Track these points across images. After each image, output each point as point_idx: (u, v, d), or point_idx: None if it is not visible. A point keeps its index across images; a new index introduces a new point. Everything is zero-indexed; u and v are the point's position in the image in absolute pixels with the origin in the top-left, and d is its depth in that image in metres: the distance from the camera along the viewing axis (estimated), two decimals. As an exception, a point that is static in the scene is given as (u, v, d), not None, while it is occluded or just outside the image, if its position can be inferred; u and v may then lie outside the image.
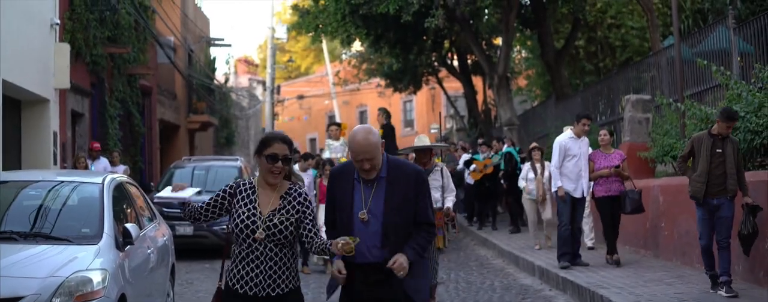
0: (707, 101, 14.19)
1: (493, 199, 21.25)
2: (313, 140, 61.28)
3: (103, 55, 22.71)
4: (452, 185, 11.31)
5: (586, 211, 14.80)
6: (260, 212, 5.76)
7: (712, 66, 12.73)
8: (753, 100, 11.49)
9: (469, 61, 34.61)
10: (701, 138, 10.35)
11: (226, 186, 5.99)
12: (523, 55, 37.64)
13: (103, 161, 19.92)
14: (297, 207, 5.84)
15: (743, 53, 13.69)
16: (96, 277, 7.17)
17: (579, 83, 28.97)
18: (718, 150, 10.16)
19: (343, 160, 16.26)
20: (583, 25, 27.92)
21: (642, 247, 14.50)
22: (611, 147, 13.70)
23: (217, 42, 41.56)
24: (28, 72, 17.16)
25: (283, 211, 5.79)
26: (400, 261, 5.77)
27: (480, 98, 36.73)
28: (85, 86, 21.94)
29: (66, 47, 19.10)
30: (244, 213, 5.78)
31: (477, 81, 36.58)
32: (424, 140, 11.44)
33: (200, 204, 5.99)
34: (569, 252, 13.35)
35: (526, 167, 17.10)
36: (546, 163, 16.37)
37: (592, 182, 13.52)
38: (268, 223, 5.72)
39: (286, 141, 5.88)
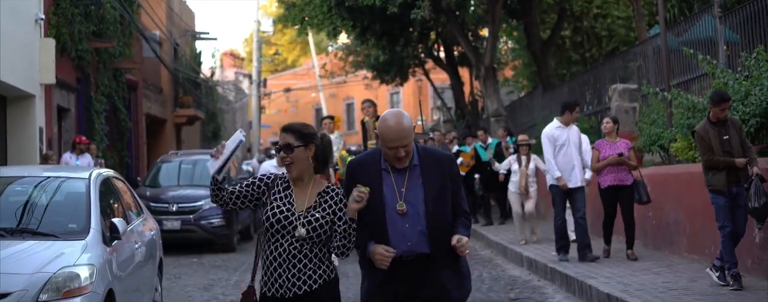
0: (694, 90, 14.20)
1: (485, 191, 20.63)
2: (300, 133, 61.16)
3: (89, 50, 22.63)
4: None
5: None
6: (295, 209, 5.48)
7: (698, 55, 12.75)
8: (739, 88, 11.50)
9: (455, 53, 34.61)
10: (706, 129, 9.99)
11: (264, 176, 5.68)
12: (510, 46, 37.65)
13: (88, 157, 19.36)
14: (334, 207, 5.49)
15: (729, 42, 13.70)
16: (83, 273, 7.15)
17: (565, 73, 28.99)
18: (724, 137, 9.89)
19: (344, 153, 16.19)
20: (569, 15, 27.94)
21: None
22: (616, 135, 13.22)
23: (202, 36, 41.48)
24: (13, 68, 17.10)
25: (319, 209, 5.48)
26: (464, 240, 5.41)
27: (467, 89, 36.72)
28: (71, 81, 21.87)
29: (51, 43, 19.04)
30: (278, 208, 5.49)
31: (464, 72, 36.57)
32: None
33: (231, 188, 5.63)
34: (567, 244, 13.06)
35: (512, 158, 16.80)
36: (533, 156, 16.20)
37: (594, 172, 13.21)
38: (309, 219, 5.43)
39: (290, 129, 5.58)
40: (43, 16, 19.01)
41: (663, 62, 14.71)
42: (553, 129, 13.18)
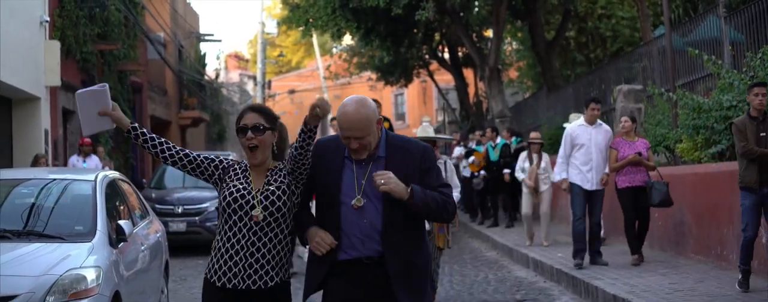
0: (699, 91, 14.19)
1: (493, 193, 20.26)
2: (304, 135, 61.16)
3: (93, 52, 22.66)
4: (456, 180, 10.50)
5: None
6: (252, 188, 5.04)
7: (703, 55, 12.72)
8: (745, 89, 11.47)
9: (459, 54, 34.60)
10: (744, 122, 9.57)
11: (223, 158, 5.32)
12: (514, 46, 37.63)
13: (95, 159, 19.24)
14: (285, 180, 5.07)
15: (734, 42, 13.69)
16: (90, 275, 7.14)
17: (570, 74, 28.97)
18: (762, 134, 9.50)
19: None
20: (574, 16, 27.91)
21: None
22: (635, 135, 12.66)
23: (207, 37, 41.50)
24: (19, 70, 17.12)
25: (274, 184, 5.04)
26: (389, 175, 4.77)
27: (471, 90, 36.72)
28: (76, 83, 21.88)
29: (56, 45, 19.06)
30: (234, 187, 5.06)
31: (468, 73, 36.58)
32: (428, 131, 10.54)
33: (186, 151, 5.23)
34: (584, 248, 12.34)
35: (522, 157, 16.45)
36: (544, 155, 16.07)
37: (611, 172, 12.52)
38: (265, 194, 5.00)
39: (261, 110, 5.17)
40: (48, 19, 19.03)
41: (668, 63, 14.70)
42: (575, 127, 12.60)
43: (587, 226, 12.40)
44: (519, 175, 16.41)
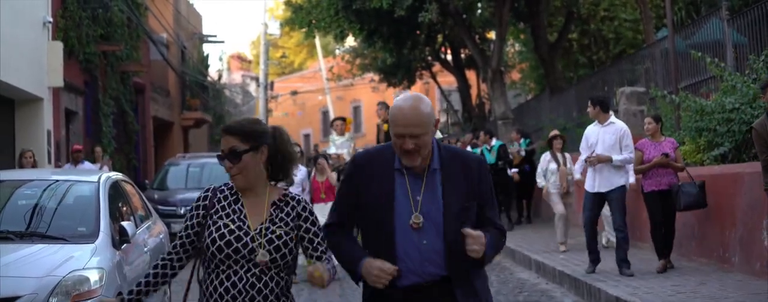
0: (702, 93, 14.19)
1: (507, 194, 19.55)
2: (307, 136, 61.20)
3: (96, 53, 22.69)
4: None
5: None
6: (249, 227, 4.28)
7: (706, 58, 12.72)
8: (747, 91, 11.50)
9: (462, 56, 34.59)
10: (763, 124, 8.89)
11: (199, 198, 4.45)
12: (517, 48, 37.60)
13: (87, 166, 18.27)
14: (296, 220, 4.37)
15: (737, 45, 13.70)
16: (93, 276, 7.15)
17: (573, 76, 28.95)
18: None
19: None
20: (577, 18, 27.90)
21: (638, 240, 14.48)
22: (661, 135, 11.90)
23: (210, 39, 41.51)
24: (22, 71, 17.13)
25: (280, 223, 4.32)
26: (482, 237, 4.20)
27: (474, 92, 36.69)
28: (79, 84, 21.91)
29: (59, 46, 19.06)
30: (226, 227, 4.28)
31: (471, 75, 36.55)
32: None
33: (172, 251, 4.49)
34: (597, 257, 11.75)
35: (544, 158, 15.47)
36: (566, 154, 15.26)
37: (637, 175, 12.00)
38: (269, 237, 4.27)
39: (236, 130, 4.34)
40: (51, 19, 19.03)
41: (671, 65, 14.71)
42: (590, 127, 11.99)
43: (611, 232, 11.94)
44: (540, 181, 15.42)
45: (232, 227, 4.27)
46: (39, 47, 18.34)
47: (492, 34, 31.57)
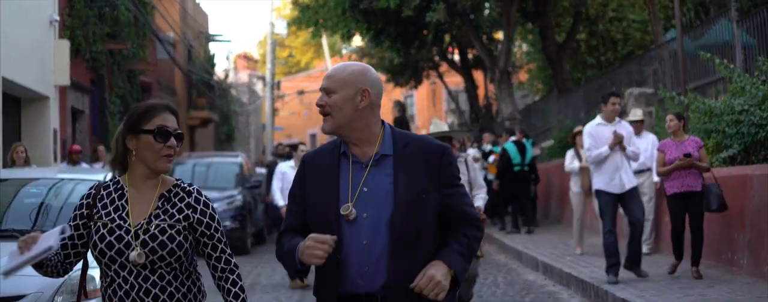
0: (710, 94, 14.14)
1: (521, 197, 19.04)
2: (313, 136, 61.22)
3: (103, 51, 22.68)
4: (481, 180, 9.52)
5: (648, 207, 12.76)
6: (131, 224, 3.81)
7: (715, 59, 12.66)
8: (757, 93, 11.43)
9: (470, 56, 34.55)
10: None
11: (83, 198, 4.01)
12: (525, 49, 37.55)
13: (84, 167, 17.15)
14: (186, 211, 3.89)
15: (746, 46, 13.64)
16: (98, 275, 7.10)
17: (581, 77, 28.89)
18: None
19: None
20: (585, 19, 27.85)
21: (644, 242, 14.45)
22: (684, 133, 11.33)
23: (216, 38, 41.52)
24: (28, 69, 17.12)
25: (165, 216, 3.84)
26: (434, 277, 3.61)
27: (481, 92, 36.66)
28: (85, 82, 21.89)
29: (65, 44, 19.06)
30: (106, 226, 3.83)
31: (478, 75, 36.51)
32: (441, 126, 9.45)
33: (57, 250, 3.98)
34: (617, 262, 10.97)
35: (569, 154, 14.95)
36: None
37: (660, 177, 11.59)
38: (151, 233, 3.78)
39: (175, 111, 4.07)
40: (58, 18, 19.03)
41: (679, 66, 14.66)
42: (593, 127, 11.28)
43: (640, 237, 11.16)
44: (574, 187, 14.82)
45: (112, 226, 3.82)
46: (45, 46, 18.34)
47: (500, 35, 31.52)
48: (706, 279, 10.88)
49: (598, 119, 11.39)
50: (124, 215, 3.83)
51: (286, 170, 13.82)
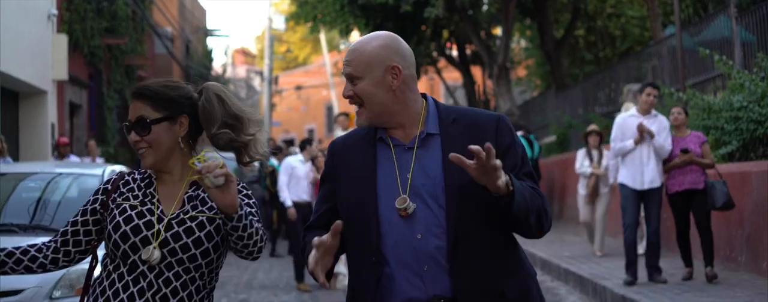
0: (709, 91, 14.13)
1: None
2: (311, 131, 61.22)
3: (101, 46, 22.68)
4: None
5: None
6: (162, 213, 3.26)
7: (714, 55, 12.65)
8: (756, 89, 11.42)
9: (468, 51, 34.53)
10: None
11: (102, 184, 3.49)
12: (523, 45, 37.55)
13: (73, 159, 17.15)
14: (214, 209, 3.25)
15: (745, 42, 13.63)
16: (97, 269, 7.09)
17: (579, 73, 28.90)
18: None
19: None
20: (583, 15, 27.85)
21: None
22: (687, 129, 10.83)
23: (214, 33, 41.52)
24: (26, 64, 17.10)
25: (188, 216, 3.25)
26: (498, 165, 2.88)
27: (479, 88, 36.65)
28: (83, 77, 21.87)
29: (63, 39, 19.05)
30: (134, 208, 3.27)
31: (476, 71, 36.50)
32: None
33: (49, 242, 3.64)
34: (633, 261, 10.51)
35: (580, 154, 14.24)
36: (604, 151, 13.71)
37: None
38: (175, 230, 3.21)
39: (148, 94, 3.27)
40: (56, 12, 19.02)
41: (678, 62, 14.65)
42: (625, 118, 10.65)
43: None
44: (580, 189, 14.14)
45: (142, 209, 3.26)
46: (43, 40, 18.31)
47: (498, 30, 31.54)
48: (705, 276, 10.86)
49: (633, 109, 10.83)
50: (155, 201, 3.29)
51: (296, 164, 13.53)
